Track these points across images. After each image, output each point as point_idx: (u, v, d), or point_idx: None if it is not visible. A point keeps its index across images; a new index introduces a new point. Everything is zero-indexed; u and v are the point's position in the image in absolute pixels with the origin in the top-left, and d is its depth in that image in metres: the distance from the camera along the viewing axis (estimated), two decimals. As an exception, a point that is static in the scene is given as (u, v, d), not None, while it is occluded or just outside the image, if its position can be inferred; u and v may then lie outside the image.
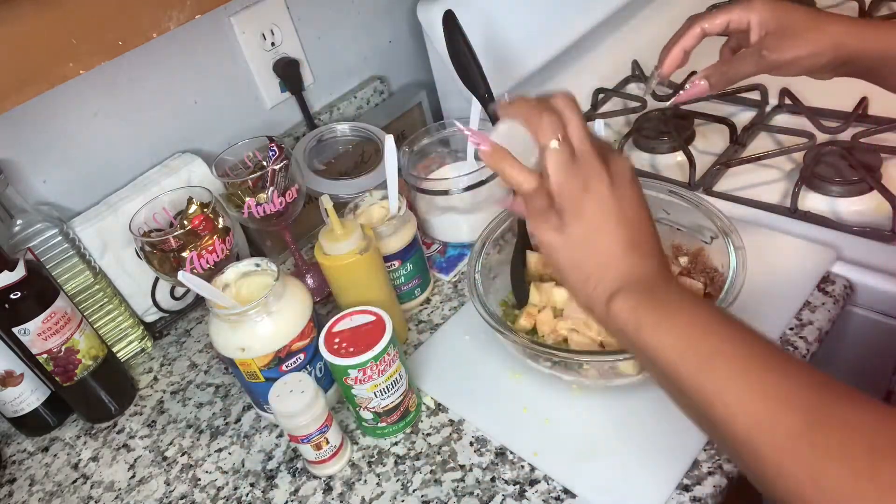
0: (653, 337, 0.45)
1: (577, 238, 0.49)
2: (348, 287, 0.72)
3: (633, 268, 0.48)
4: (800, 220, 0.77)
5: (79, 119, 0.80)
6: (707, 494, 0.57)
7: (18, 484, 0.75)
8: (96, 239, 0.80)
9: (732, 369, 0.41)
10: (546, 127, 0.49)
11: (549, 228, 0.50)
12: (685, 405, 0.45)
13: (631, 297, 0.47)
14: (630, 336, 0.47)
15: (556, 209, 0.50)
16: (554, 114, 0.50)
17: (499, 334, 0.65)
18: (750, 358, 0.42)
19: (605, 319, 0.49)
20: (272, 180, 0.74)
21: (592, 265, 0.49)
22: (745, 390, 0.40)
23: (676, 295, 0.47)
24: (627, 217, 0.49)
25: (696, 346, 0.43)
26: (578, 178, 0.49)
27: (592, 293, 0.49)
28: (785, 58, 0.62)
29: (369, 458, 0.67)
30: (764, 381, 0.40)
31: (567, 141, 0.49)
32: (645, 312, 0.46)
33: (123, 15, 0.55)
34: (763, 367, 0.41)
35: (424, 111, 1.07)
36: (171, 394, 0.81)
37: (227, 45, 0.88)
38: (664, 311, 0.46)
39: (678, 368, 0.43)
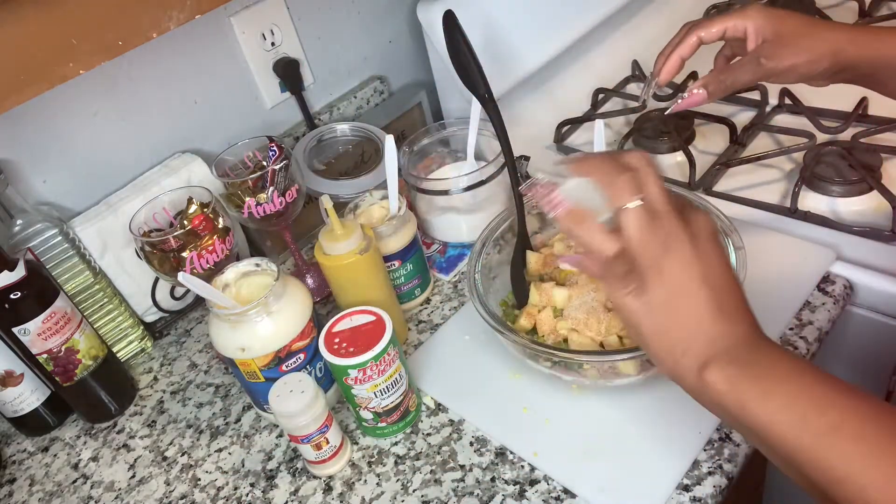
0: (760, 412, 0.42)
1: (659, 303, 0.47)
2: (348, 287, 0.72)
3: (724, 334, 0.46)
4: (800, 220, 0.77)
5: (79, 119, 0.80)
6: (707, 494, 0.57)
7: (18, 484, 0.75)
8: (96, 239, 0.80)
9: (859, 447, 0.39)
10: (623, 185, 0.47)
11: (628, 293, 0.47)
12: (801, 479, 0.43)
13: (726, 367, 0.44)
14: (732, 410, 0.44)
15: (635, 273, 0.47)
16: (630, 172, 0.48)
17: (499, 334, 0.65)
18: (875, 430, 0.39)
19: (697, 391, 0.46)
20: (272, 180, 0.74)
21: (678, 332, 0.46)
22: (877, 470, 0.38)
23: (776, 361, 0.44)
24: (712, 278, 0.46)
25: (812, 422, 0.41)
26: (659, 238, 0.46)
27: (681, 362, 0.46)
28: (782, 65, 0.62)
29: (369, 458, 0.67)
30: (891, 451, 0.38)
31: (645, 201, 0.47)
32: (746, 385, 0.43)
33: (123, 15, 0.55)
34: (890, 439, 0.39)
35: (424, 111, 1.07)
36: (171, 394, 0.81)
37: (227, 45, 0.88)
38: (768, 381, 0.43)
39: (794, 446, 0.41)
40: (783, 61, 0.61)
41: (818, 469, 0.40)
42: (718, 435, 0.60)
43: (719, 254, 0.48)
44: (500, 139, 0.71)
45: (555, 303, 0.69)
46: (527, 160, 0.90)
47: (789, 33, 0.62)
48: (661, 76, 0.69)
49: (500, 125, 0.71)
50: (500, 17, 0.96)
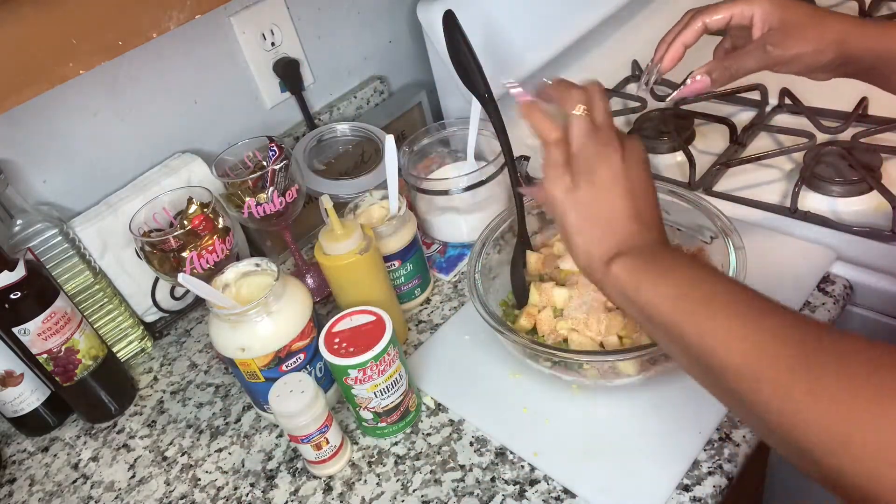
0: (650, 292, 0.48)
1: (585, 200, 0.52)
2: (348, 287, 0.72)
3: (635, 235, 0.51)
4: (800, 220, 0.77)
5: (79, 119, 0.80)
6: (707, 494, 0.57)
7: (18, 484, 0.75)
8: (96, 239, 0.80)
9: (728, 311, 0.44)
10: (574, 98, 0.54)
11: (561, 186, 0.53)
12: (682, 354, 0.47)
13: (630, 259, 0.50)
14: (629, 294, 0.49)
15: (570, 171, 0.53)
16: (583, 91, 0.55)
17: (499, 334, 0.65)
18: (745, 302, 0.44)
19: (603, 280, 0.52)
20: (272, 180, 0.74)
21: (596, 228, 0.52)
22: (742, 328, 0.43)
23: (675, 258, 0.50)
24: (634, 190, 0.52)
25: (692, 294, 0.46)
26: (596, 145, 0.52)
27: (594, 253, 0.52)
28: (788, 54, 0.62)
29: (369, 458, 0.67)
30: (760, 321, 0.43)
31: (591, 114, 0.53)
32: (642, 272, 0.49)
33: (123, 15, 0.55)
34: (758, 309, 0.44)
35: (424, 111, 1.07)
36: (171, 394, 0.81)
37: (227, 45, 0.88)
38: (661, 269, 0.49)
39: (675, 317, 0.46)
40: (789, 50, 0.61)
41: (696, 337, 0.44)
42: (718, 435, 0.60)
43: (645, 174, 0.54)
44: (500, 139, 0.71)
45: (555, 303, 0.69)
46: (527, 160, 0.90)
47: (796, 22, 0.62)
48: (665, 62, 0.68)
49: (500, 125, 0.71)
50: (500, 17, 0.96)
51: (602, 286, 0.53)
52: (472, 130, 0.83)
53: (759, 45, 0.63)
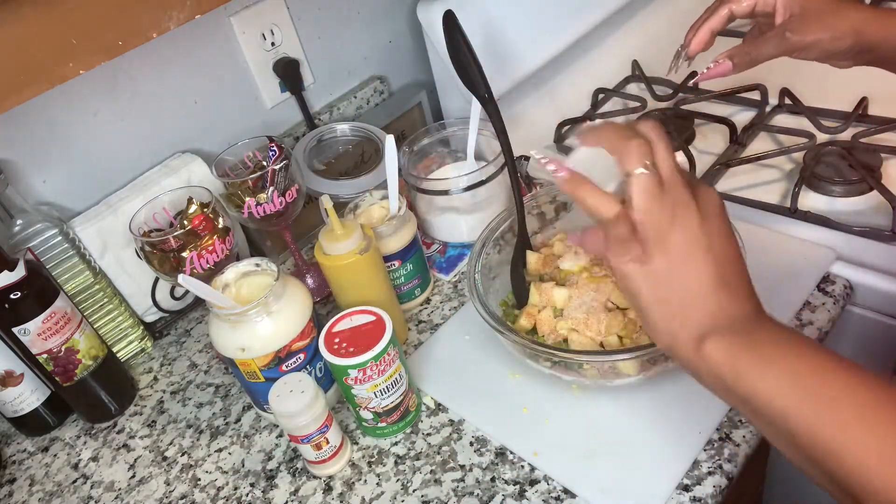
0: (756, 384, 0.42)
1: (661, 271, 0.46)
2: (348, 287, 0.72)
3: (724, 307, 0.45)
4: (800, 220, 0.77)
5: (79, 119, 0.80)
6: (707, 494, 0.57)
7: (18, 484, 0.75)
8: (96, 239, 0.80)
9: (857, 418, 0.39)
10: (633, 152, 0.46)
11: (630, 260, 0.47)
12: (797, 453, 0.42)
13: (724, 338, 0.44)
14: (727, 382, 0.44)
15: (638, 239, 0.46)
16: (642, 140, 0.46)
17: (499, 334, 0.65)
18: (872, 401, 0.39)
19: (694, 363, 0.46)
20: (272, 180, 0.74)
21: (678, 303, 0.46)
22: (874, 440, 0.38)
23: (775, 335, 0.44)
24: (716, 252, 0.46)
25: (810, 394, 0.40)
26: (666, 207, 0.45)
27: (679, 333, 0.46)
28: (807, 40, 0.62)
29: (369, 458, 0.67)
30: (890, 424, 0.38)
31: (655, 169, 0.46)
32: (744, 357, 0.43)
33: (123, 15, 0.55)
34: (886, 409, 0.38)
35: (424, 111, 1.07)
36: (171, 394, 0.81)
37: (227, 45, 0.88)
38: (765, 355, 0.43)
39: (790, 418, 0.40)
40: (807, 36, 0.62)
41: (815, 441, 0.40)
42: (718, 435, 0.60)
43: (726, 230, 0.47)
44: (500, 139, 0.71)
45: (555, 303, 0.68)
46: (527, 160, 0.90)
47: (815, 9, 0.62)
48: (692, 47, 0.68)
49: (500, 125, 0.71)
50: (500, 17, 0.96)
51: (692, 370, 0.46)
52: (472, 130, 0.83)
53: (778, 32, 0.63)
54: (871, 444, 0.38)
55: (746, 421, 0.45)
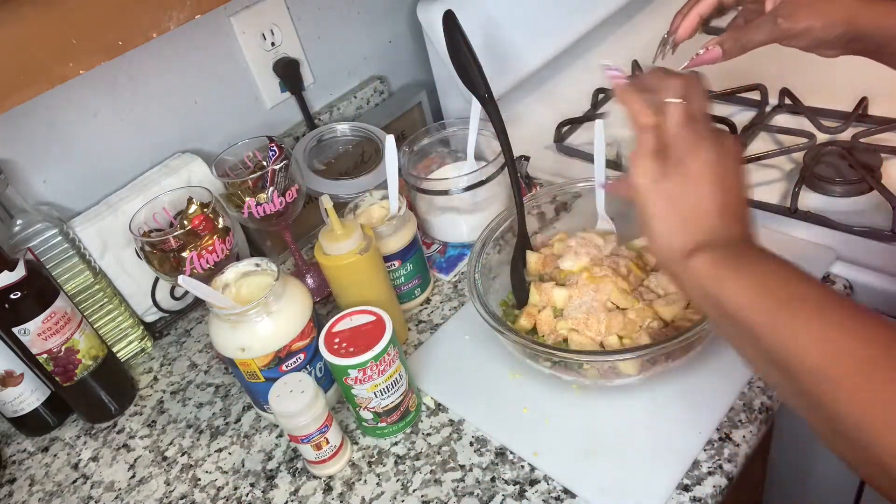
0: (730, 287, 0.46)
1: (672, 189, 0.50)
2: (348, 287, 0.72)
3: (721, 228, 0.50)
4: (800, 220, 0.77)
5: (79, 119, 0.80)
6: (707, 494, 0.57)
7: (18, 484, 0.75)
8: (96, 239, 0.80)
9: (808, 310, 0.43)
10: (672, 86, 0.51)
11: (649, 174, 0.51)
12: (757, 354, 0.46)
13: (713, 252, 0.48)
14: (707, 288, 0.48)
15: (661, 158, 0.51)
16: (682, 80, 0.52)
17: (499, 334, 0.65)
18: (825, 302, 0.43)
19: (681, 272, 0.50)
20: (272, 180, 0.74)
21: (681, 218, 0.50)
22: (821, 326, 0.42)
23: (759, 254, 0.48)
24: (725, 184, 0.50)
25: (773, 293, 0.45)
26: (692, 135, 0.50)
27: (674, 244, 0.50)
28: (798, 27, 0.61)
29: (369, 458, 0.67)
30: (840, 318, 0.42)
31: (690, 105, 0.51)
32: (725, 266, 0.47)
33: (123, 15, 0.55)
34: (838, 308, 0.42)
35: (424, 111, 1.07)
36: (171, 394, 0.81)
37: (227, 45, 0.88)
38: (743, 264, 0.47)
39: (753, 315, 0.44)
40: (799, 23, 0.61)
41: (774, 335, 0.43)
42: (718, 435, 0.60)
43: (739, 170, 0.52)
44: (500, 139, 0.71)
45: (555, 303, 0.69)
46: (527, 160, 0.90)
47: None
48: (680, 33, 0.68)
49: (500, 125, 0.71)
50: (500, 17, 0.96)
51: (679, 279, 0.51)
52: (472, 130, 0.83)
53: (769, 18, 0.63)
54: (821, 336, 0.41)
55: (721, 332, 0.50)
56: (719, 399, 0.63)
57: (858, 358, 0.40)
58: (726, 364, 0.65)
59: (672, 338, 0.58)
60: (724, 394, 0.63)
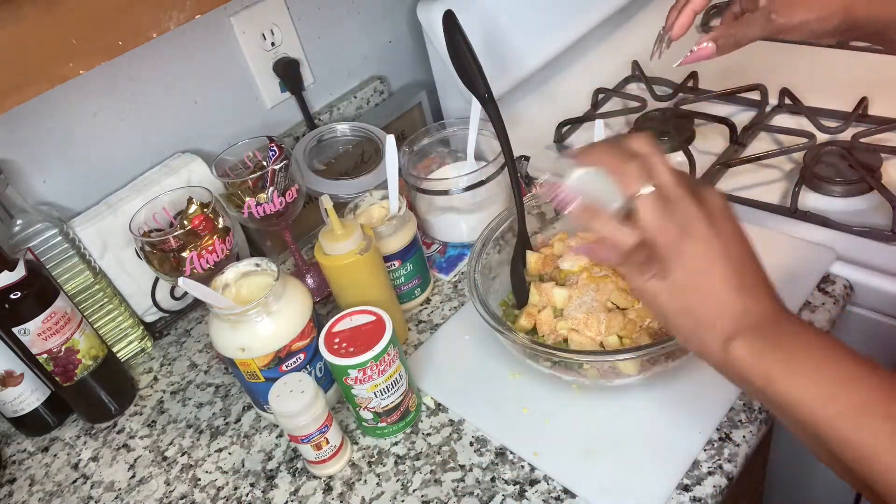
0: (787, 388, 0.43)
1: (681, 284, 0.47)
2: (348, 287, 0.72)
3: (748, 309, 0.46)
4: (800, 220, 0.77)
5: (79, 119, 0.80)
6: (707, 494, 0.57)
7: (18, 484, 0.75)
8: (96, 239, 0.80)
9: (885, 424, 0.39)
10: (633, 173, 0.47)
11: (649, 278, 0.48)
12: (824, 454, 0.43)
13: (751, 341, 0.45)
14: (758, 385, 0.44)
15: (654, 258, 0.47)
16: (638, 158, 0.47)
17: (499, 334, 0.65)
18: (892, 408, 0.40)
19: (724, 366, 0.46)
20: (272, 180, 0.74)
21: (702, 310, 0.47)
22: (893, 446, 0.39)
23: (801, 334, 0.45)
24: (732, 255, 0.46)
25: (841, 398, 0.41)
26: (675, 221, 0.46)
27: (706, 339, 0.47)
28: (793, 21, 0.61)
29: (369, 458, 0.67)
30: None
31: (657, 186, 0.47)
32: (772, 358, 0.44)
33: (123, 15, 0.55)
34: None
35: (424, 111, 1.07)
36: (171, 394, 0.81)
37: (227, 45, 0.88)
38: (793, 354, 0.43)
39: (821, 421, 0.41)
40: (794, 17, 0.60)
41: (844, 445, 0.40)
42: (718, 435, 0.60)
43: (737, 229, 0.48)
44: (500, 139, 0.71)
45: (555, 303, 0.69)
46: (527, 160, 0.90)
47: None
48: (675, 30, 0.66)
49: (500, 125, 0.71)
50: (500, 17, 0.96)
51: (725, 374, 0.47)
52: (472, 130, 0.83)
53: (763, 13, 0.62)
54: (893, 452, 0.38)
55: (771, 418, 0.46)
56: (719, 399, 0.63)
57: None
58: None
59: (672, 338, 0.58)
60: (724, 394, 0.63)
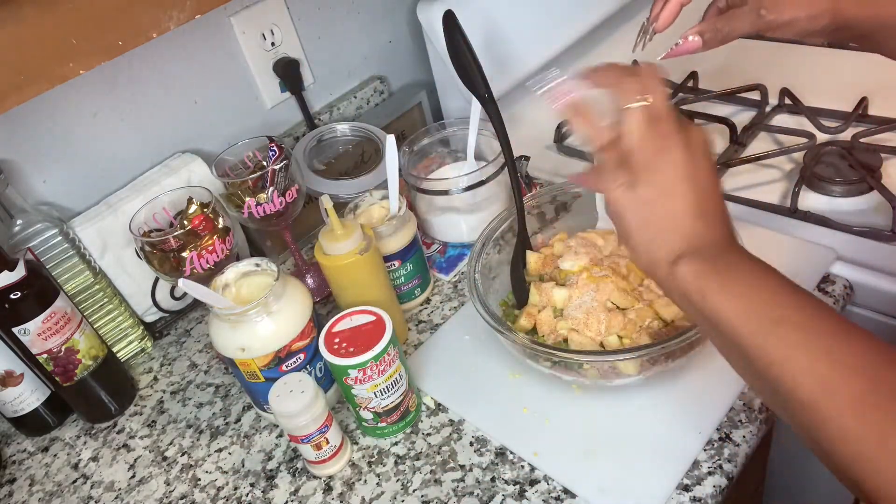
0: (717, 302, 0.45)
1: (647, 198, 0.49)
2: (348, 287, 0.72)
3: (701, 233, 0.48)
4: (800, 220, 0.77)
5: (79, 119, 0.80)
6: (707, 494, 0.57)
7: (18, 484, 0.75)
8: (96, 239, 0.80)
9: (798, 336, 0.42)
10: (630, 88, 0.50)
11: (619, 186, 0.50)
12: (746, 371, 0.46)
13: (696, 261, 0.47)
14: (694, 301, 0.47)
15: (628, 168, 0.49)
16: (637, 79, 0.50)
17: (499, 334, 0.65)
18: (815, 325, 0.42)
19: (667, 282, 0.49)
20: (272, 180, 0.74)
21: (659, 227, 0.49)
22: (811, 356, 0.41)
23: (743, 262, 0.47)
24: (699, 184, 0.49)
25: (761, 313, 0.43)
26: (656, 138, 0.49)
27: (656, 254, 0.49)
28: (783, 18, 0.60)
29: (369, 458, 0.67)
30: (829, 347, 0.41)
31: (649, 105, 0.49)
32: (710, 278, 0.46)
33: (123, 15, 0.55)
34: (828, 333, 0.41)
35: (424, 111, 1.07)
36: (171, 394, 0.81)
37: (227, 45, 0.88)
38: (729, 277, 0.46)
39: (742, 334, 0.44)
40: (783, 14, 0.60)
41: (764, 359, 0.42)
42: (718, 435, 0.60)
43: (709, 165, 0.50)
44: (500, 139, 0.71)
45: (555, 303, 0.69)
46: (527, 160, 0.90)
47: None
48: (661, 21, 0.65)
49: (500, 125, 0.71)
50: (500, 17, 0.96)
51: (665, 288, 0.50)
52: (472, 130, 0.83)
53: (752, 9, 0.61)
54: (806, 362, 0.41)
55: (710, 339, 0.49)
56: (719, 399, 0.63)
57: (848, 395, 0.39)
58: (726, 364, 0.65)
59: (672, 338, 0.58)
60: (724, 394, 0.63)
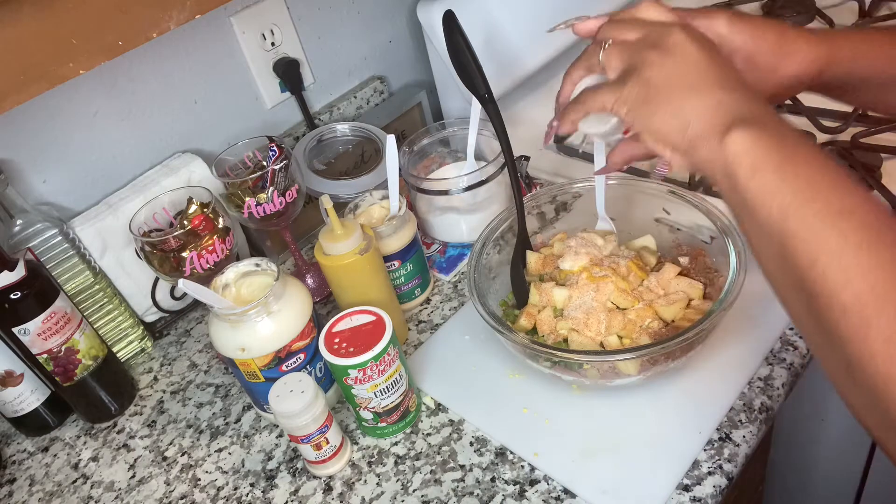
0: (769, 182, 0.40)
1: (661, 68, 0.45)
2: (348, 287, 0.72)
3: (737, 99, 0.43)
4: (800, 220, 0.77)
5: (79, 119, 0.80)
6: (707, 494, 0.57)
7: (18, 484, 0.75)
8: (96, 239, 0.80)
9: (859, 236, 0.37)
10: None
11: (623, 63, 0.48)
12: (780, 264, 0.41)
13: (749, 130, 0.41)
14: (740, 178, 0.41)
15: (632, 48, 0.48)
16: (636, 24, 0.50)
17: (499, 334, 0.65)
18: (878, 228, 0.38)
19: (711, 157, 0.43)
20: (272, 180, 0.74)
21: (684, 92, 0.44)
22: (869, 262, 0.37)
23: (793, 135, 0.42)
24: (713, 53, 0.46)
25: (822, 200, 0.39)
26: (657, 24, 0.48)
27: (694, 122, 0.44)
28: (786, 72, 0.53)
29: (369, 458, 0.67)
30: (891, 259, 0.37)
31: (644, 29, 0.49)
32: (764, 151, 0.41)
33: (123, 15, 0.55)
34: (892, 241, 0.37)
35: (424, 111, 1.07)
36: (171, 394, 0.81)
37: (227, 45, 0.88)
38: (786, 153, 0.41)
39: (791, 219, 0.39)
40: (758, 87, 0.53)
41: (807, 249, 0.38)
42: (718, 435, 0.60)
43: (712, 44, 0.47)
44: (500, 139, 0.71)
45: (555, 303, 0.69)
46: (527, 160, 0.90)
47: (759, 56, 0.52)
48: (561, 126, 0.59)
49: (500, 125, 0.71)
50: (500, 17, 0.96)
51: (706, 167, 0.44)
52: (472, 130, 0.83)
53: None
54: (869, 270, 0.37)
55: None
56: (719, 399, 0.63)
57: None
58: (726, 364, 0.65)
59: (672, 338, 0.58)
60: (724, 394, 0.63)
